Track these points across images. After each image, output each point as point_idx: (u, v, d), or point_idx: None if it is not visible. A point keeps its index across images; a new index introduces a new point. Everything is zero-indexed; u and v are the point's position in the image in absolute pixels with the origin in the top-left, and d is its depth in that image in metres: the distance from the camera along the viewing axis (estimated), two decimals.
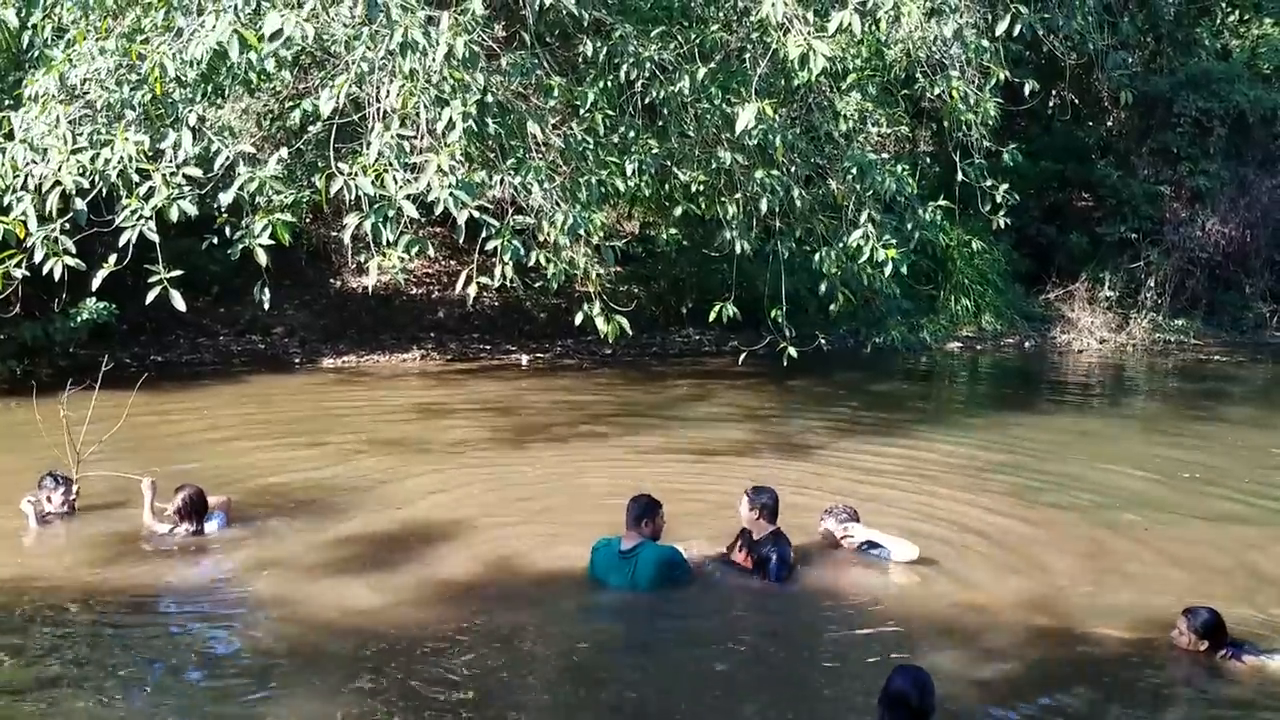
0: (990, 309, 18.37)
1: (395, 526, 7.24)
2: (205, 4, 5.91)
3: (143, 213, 5.66)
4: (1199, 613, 5.44)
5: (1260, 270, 19.65)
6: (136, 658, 5.26)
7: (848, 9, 6.28)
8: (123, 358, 12.64)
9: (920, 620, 5.92)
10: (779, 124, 7.54)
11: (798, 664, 5.56)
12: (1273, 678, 5.30)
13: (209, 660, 5.29)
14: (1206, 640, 5.38)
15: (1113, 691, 5.22)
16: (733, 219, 8.39)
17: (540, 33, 7.90)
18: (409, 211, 5.29)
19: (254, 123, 9.37)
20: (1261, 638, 5.65)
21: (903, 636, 5.72)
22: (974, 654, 5.54)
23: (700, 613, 6.09)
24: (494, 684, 5.13)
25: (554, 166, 7.19)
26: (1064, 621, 5.95)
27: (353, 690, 4.96)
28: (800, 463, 9.26)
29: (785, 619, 6.09)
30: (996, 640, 5.71)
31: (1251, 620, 5.94)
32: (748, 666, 5.49)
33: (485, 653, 5.40)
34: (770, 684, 5.28)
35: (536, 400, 12.05)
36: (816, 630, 5.95)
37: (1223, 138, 18.96)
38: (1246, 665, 5.33)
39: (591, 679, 5.28)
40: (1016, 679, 5.29)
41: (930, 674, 4.25)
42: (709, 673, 5.38)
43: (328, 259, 16.19)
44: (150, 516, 6.98)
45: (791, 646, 5.79)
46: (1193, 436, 11.21)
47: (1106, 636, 5.75)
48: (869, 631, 5.82)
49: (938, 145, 17.20)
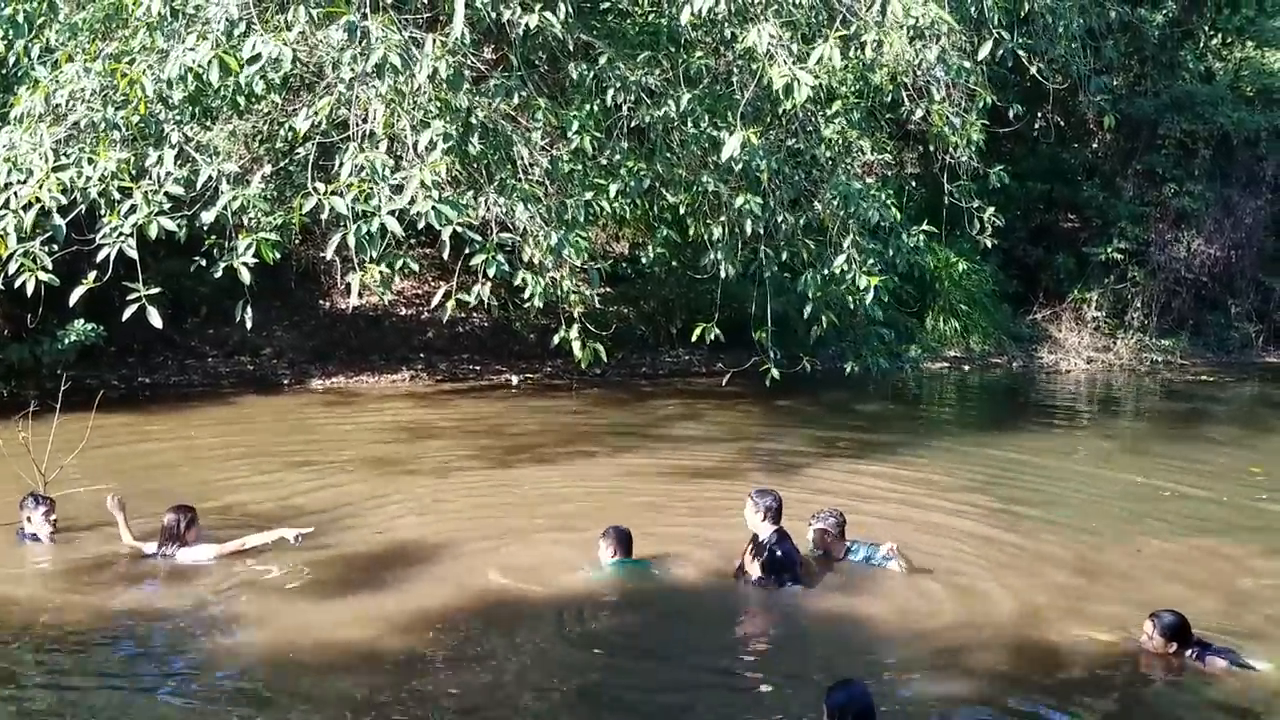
0: (978, 329, 18.44)
1: (381, 548, 7.22)
2: (190, 27, 5.94)
3: (122, 230, 5.67)
4: (1164, 616, 5.68)
5: (1245, 290, 19.78)
6: (114, 682, 5.22)
7: (828, 43, 6.34)
8: (110, 379, 12.63)
9: (906, 635, 6.00)
10: (764, 150, 7.61)
11: (791, 672, 5.59)
12: (1238, 678, 5.51)
13: (188, 683, 5.27)
14: (1174, 642, 5.60)
15: (1085, 696, 5.38)
16: (718, 241, 8.44)
17: (528, 56, 7.95)
18: (392, 227, 5.31)
19: (243, 144, 9.39)
20: (1237, 645, 5.79)
21: (889, 650, 5.81)
22: (958, 667, 5.64)
23: (697, 626, 6.15)
24: (482, 707, 5.11)
25: (540, 187, 7.23)
26: (1044, 634, 6.06)
27: (336, 715, 4.94)
28: (787, 482, 9.26)
29: (782, 629, 6.20)
30: (980, 654, 5.78)
31: (1230, 629, 6.08)
32: (742, 680, 5.54)
33: (474, 676, 5.38)
34: (764, 695, 5.29)
35: (526, 421, 12.05)
36: (808, 642, 6.05)
37: (1207, 159, 19.13)
38: (1212, 667, 5.56)
39: (584, 701, 5.27)
40: (997, 690, 5.40)
41: (867, 688, 4.44)
42: (705, 684, 5.43)
43: (317, 280, 16.19)
44: (128, 536, 6.92)
45: (785, 657, 5.87)
46: (1176, 456, 11.26)
47: (1084, 648, 5.87)
48: (857, 643, 5.91)
49: (924, 167, 17.35)
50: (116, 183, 5.80)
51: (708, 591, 6.62)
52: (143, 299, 5.64)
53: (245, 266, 5.81)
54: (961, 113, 8.60)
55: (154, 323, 5.67)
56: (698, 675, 5.59)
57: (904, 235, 8.75)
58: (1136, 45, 18.84)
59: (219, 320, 14.38)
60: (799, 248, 8.44)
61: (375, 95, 5.65)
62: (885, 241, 8.71)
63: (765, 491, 6.61)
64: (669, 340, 16.79)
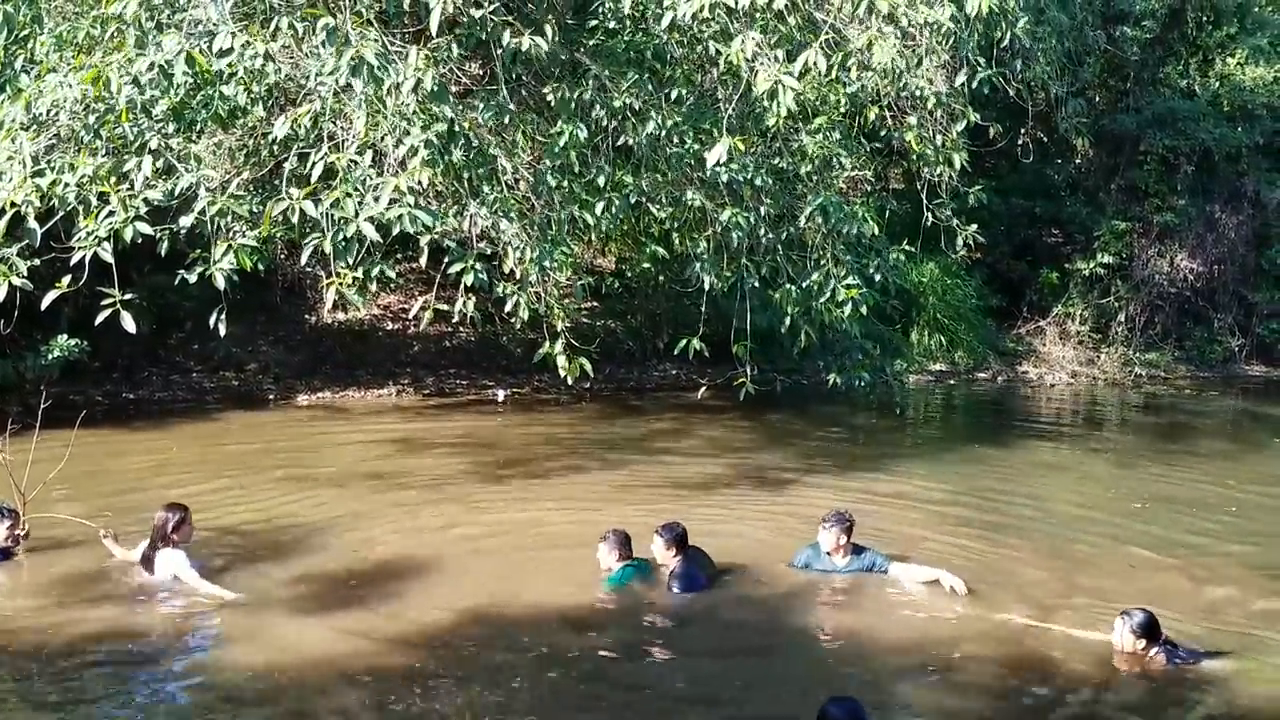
0: (963, 344, 18.52)
1: (366, 565, 7.17)
2: (166, 32, 5.94)
3: (98, 234, 5.65)
4: (1134, 614, 5.82)
5: (1228, 305, 19.92)
6: (98, 704, 5.16)
7: (812, 49, 6.38)
8: (94, 395, 12.53)
9: (892, 646, 6.04)
10: (750, 163, 7.65)
11: (785, 686, 5.60)
12: (1207, 676, 5.70)
13: (174, 699, 5.22)
14: (1144, 639, 5.73)
15: (1059, 698, 5.51)
16: (703, 254, 8.46)
17: (515, 73, 7.98)
18: (368, 233, 5.31)
19: (227, 158, 9.38)
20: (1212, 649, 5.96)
21: (874, 663, 5.85)
22: (946, 682, 5.69)
23: (689, 639, 6.19)
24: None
25: (523, 201, 7.24)
26: (1026, 645, 6.12)
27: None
28: (772, 497, 9.29)
29: (772, 642, 6.26)
30: (965, 666, 5.82)
31: (1202, 636, 6.22)
32: (736, 694, 5.55)
33: (463, 694, 5.36)
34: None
35: (514, 435, 12.02)
36: (798, 656, 6.09)
37: (1189, 175, 19.31)
38: (1182, 666, 5.73)
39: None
40: (983, 704, 5.45)
41: (862, 704, 4.42)
42: (698, 698, 5.44)
43: (302, 294, 16.13)
44: (123, 554, 6.90)
45: (779, 672, 5.92)
46: (1159, 468, 11.39)
47: (1059, 653, 5.97)
48: (845, 656, 5.97)
49: (907, 184, 17.43)
50: (95, 188, 5.78)
51: (695, 605, 6.61)
52: (117, 304, 5.61)
53: (221, 273, 5.78)
54: (943, 131, 8.66)
55: (128, 328, 5.63)
56: (692, 689, 5.59)
57: (885, 251, 8.80)
58: (1118, 62, 19.04)
59: (204, 335, 14.27)
60: (780, 263, 8.47)
61: (357, 102, 5.65)
62: (866, 257, 8.75)
63: (670, 525, 6.93)
64: (655, 355, 16.80)
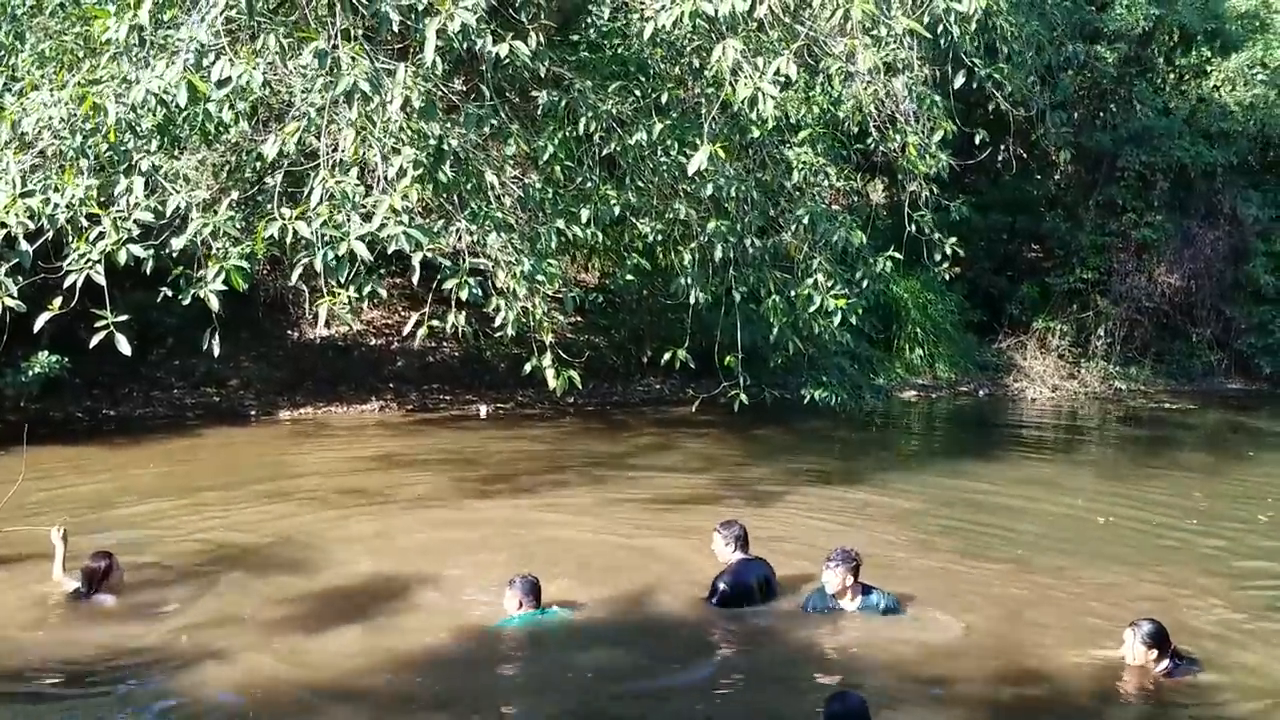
0: (944, 358, 18.65)
1: (345, 582, 7.10)
2: (159, 54, 5.92)
3: (91, 256, 5.62)
4: (1142, 624, 5.81)
5: (1207, 319, 20.13)
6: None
7: (783, 58, 6.39)
8: (75, 412, 12.44)
9: (883, 663, 6.01)
10: (733, 174, 7.67)
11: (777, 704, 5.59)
12: (1204, 686, 5.72)
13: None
14: (1155, 649, 5.72)
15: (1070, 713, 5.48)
16: (688, 267, 8.49)
17: (499, 86, 8.00)
18: (361, 253, 5.30)
19: (211, 174, 9.35)
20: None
21: (868, 682, 5.77)
22: (935, 695, 5.68)
23: (677, 659, 6.13)
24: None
25: (511, 215, 7.24)
26: (1022, 660, 6.11)
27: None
28: (758, 513, 9.28)
29: (761, 659, 6.23)
30: (956, 682, 5.82)
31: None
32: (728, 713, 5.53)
33: (447, 714, 5.30)
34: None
35: (498, 450, 11.98)
36: (790, 674, 6.03)
37: (1165, 191, 19.55)
38: (1193, 678, 5.74)
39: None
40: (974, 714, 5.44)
41: (863, 700, 4.46)
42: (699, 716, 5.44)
43: (284, 310, 16.07)
44: (60, 570, 6.71)
45: (768, 690, 5.87)
46: (1138, 480, 11.49)
47: (1065, 670, 5.95)
48: (838, 675, 5.93)
49: (890, 198, 17.57)
50: (85, 209, 5.75)
51: (688, 623, 6.58)
52: (111, 326, 5.58)
53: (214, 295, 5.76)
54: (925, 142, 8.74)
55: (123, 350, 5.59)
56: (680, 706, 5.57)
57: (870, 260, 8.86)
58: (1093, 80, 19.28)
59: (185, 351, 14.21)
60: (766, 275, 8.51)
61: (346, 123, 5.65)
62: (852, 266, 8.81)
63: (730, 522, 6.87)
64: (640, 369, 16.81)
